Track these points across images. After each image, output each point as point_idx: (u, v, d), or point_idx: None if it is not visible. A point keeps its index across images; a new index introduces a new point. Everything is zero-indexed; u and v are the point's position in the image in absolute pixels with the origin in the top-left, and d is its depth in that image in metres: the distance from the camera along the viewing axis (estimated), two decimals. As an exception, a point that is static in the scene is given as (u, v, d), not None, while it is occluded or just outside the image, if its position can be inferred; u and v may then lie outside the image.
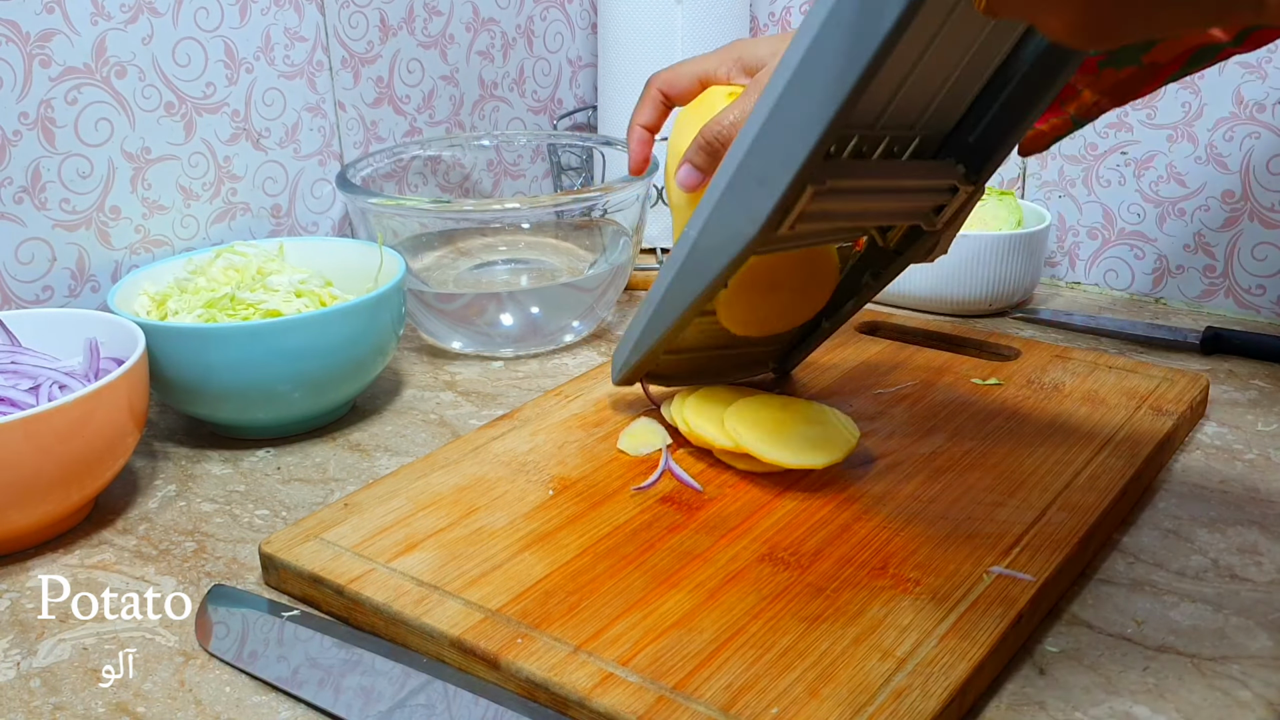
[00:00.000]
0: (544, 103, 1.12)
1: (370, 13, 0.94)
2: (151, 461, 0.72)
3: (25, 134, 0.75)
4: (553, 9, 1.10)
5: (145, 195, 0.82)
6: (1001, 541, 0.56)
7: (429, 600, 0.53)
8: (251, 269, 0.77)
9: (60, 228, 0.78)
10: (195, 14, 0.82)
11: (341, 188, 0.84)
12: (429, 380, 0.83)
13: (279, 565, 0.57)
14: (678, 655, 0.48)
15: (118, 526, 0.65)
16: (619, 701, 0.46)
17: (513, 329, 0.86)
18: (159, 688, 0.51)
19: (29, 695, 0.51)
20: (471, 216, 0.87)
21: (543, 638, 0.50)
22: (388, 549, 0.57)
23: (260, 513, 0.66)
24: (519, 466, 0.65)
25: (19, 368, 0.64)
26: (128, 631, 0.55)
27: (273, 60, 0.88)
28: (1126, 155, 0.93)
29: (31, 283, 0.77)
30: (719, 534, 0.58)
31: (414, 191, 1.00)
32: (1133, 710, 0.47)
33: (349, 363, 0.72)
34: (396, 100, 0.98)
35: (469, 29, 1.02)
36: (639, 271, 1.01)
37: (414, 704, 0.48)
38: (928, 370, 0.77)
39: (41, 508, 0.60)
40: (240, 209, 0.88)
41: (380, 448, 0.73)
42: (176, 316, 0.73)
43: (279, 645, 0.53)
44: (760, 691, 0.46)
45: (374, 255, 0.80)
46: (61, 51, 0.76)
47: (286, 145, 0.90)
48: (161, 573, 0.60)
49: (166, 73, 0.81)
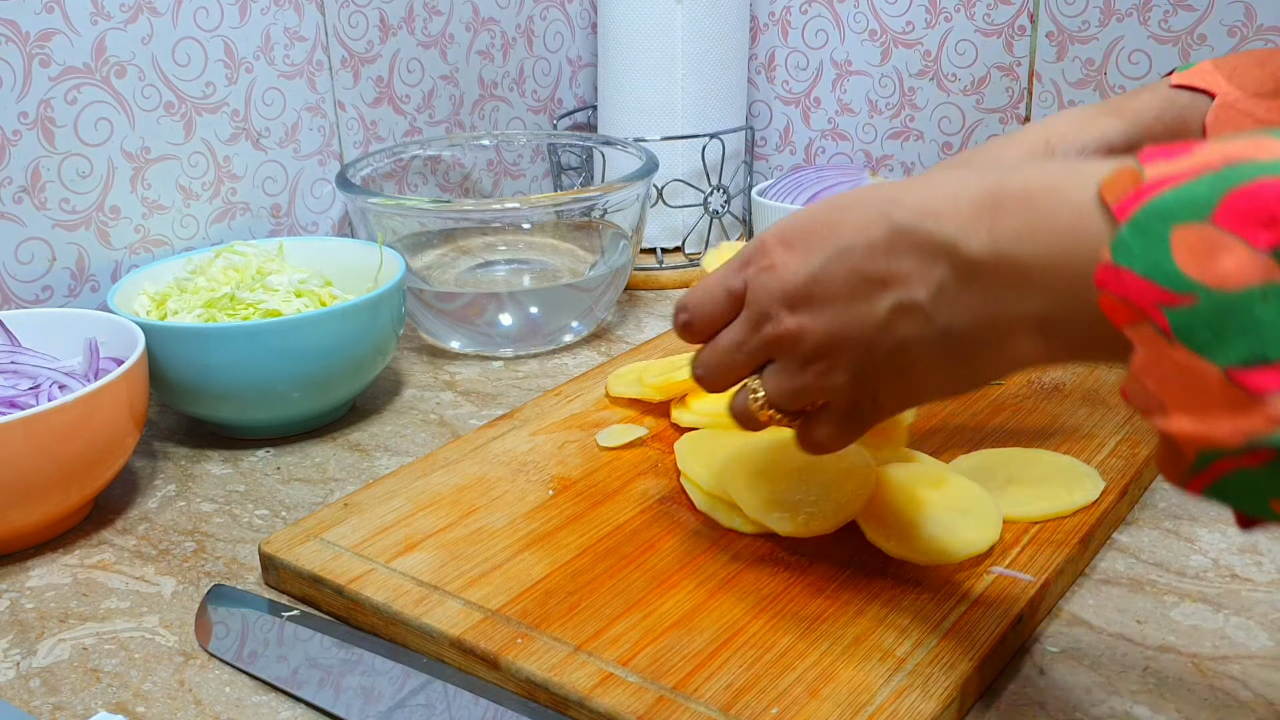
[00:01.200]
0: (544, 102, 1.12)
1: (370, 12, 0.94)
2: (151, 461, 0.72)
3: (25, 134, 0.75)
4: (553, 9, 1.10)
5: (145, 195, 0.82)
6: (1002, 541, 0.56)
7: (429, 600, 0.53)
8: (251, 269, 0.77)
9: (60, 227, 0.78)
10: (195, 13, 0.82)
11: (341, 187, 0.84)
12: (429, 380, 0.83)
13: (279, 565, 0.57)
14: (678, 655, 0.48)
15: (117, 526, 0.65)
16: (619, 701, 0.46)
17: (512, 329, 0.86)
18: (158, 688, 0.51)
19: (28, 695, 0.51)
20: (471, 216, 0.87)
21: (543, 638, 0.50)
22: (388, 549, 0.57)
23: (260, 513, 0.66)
24: (519, 466, 0.65)
25: (19, 368, 0.64)
26: (127, 631, 0.55)
27: (272, 60, 0.88)
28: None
29: (31, 282, 0.77)
30: (719, 534, 0.58)
31: (414, 191, 1.00)
32: (1133, 710, 0.47)
33: (349, 362, 0.72)
34: (396, 100, 0.98)
35: (469, 28, 1.02)
36: (639, 271, 1.01)
37: (414, 704, 0.48)
38: (928, 370, 0.77)
39: (41, 508, 0.60)
40: (240, 209, 0.88)
41: (380, 447, 0.73)
42: (176, 316, 0.73)
43: (279, 645, 0.53)
44: (760, 691, 0.46)
45: (374, 255, 0.80)
46: (61, 51, 0.76)
47: (286, 145, 0.90)
48: (161, 573, 0.60)
49: (166, 72, 0.81)
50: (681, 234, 1.04)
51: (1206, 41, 0.86)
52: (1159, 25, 0.88)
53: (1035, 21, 0.94)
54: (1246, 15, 0.85)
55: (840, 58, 1.06)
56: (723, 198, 1.03)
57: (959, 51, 0.99)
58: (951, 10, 0.98)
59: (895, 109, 1.04)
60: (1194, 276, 0.31)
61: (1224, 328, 0.30)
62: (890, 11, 1.01)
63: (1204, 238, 0.31)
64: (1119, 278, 0.32)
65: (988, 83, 0.98)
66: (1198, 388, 0.31)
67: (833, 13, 1.05)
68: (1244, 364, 0.30)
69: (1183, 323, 0.31)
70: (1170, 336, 0.31)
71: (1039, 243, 0.36)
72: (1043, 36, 0.94)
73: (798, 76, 1.09)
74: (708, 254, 0.71)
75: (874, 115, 1.06)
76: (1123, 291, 0.32)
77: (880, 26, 1.02)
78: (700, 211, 1.03)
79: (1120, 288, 0.32)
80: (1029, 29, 0.95)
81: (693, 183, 1.02)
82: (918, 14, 1.00)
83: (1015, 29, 0.95)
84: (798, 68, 1.09)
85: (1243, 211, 0.30)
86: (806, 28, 1.07)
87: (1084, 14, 0.91)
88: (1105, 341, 0.34)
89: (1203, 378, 0.31)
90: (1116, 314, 0.33)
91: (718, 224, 1.04)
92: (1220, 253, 0.30)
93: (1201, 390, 0.31)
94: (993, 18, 0.96)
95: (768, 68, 1.11)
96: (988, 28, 0.97)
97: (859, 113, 1.06)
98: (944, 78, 1.00)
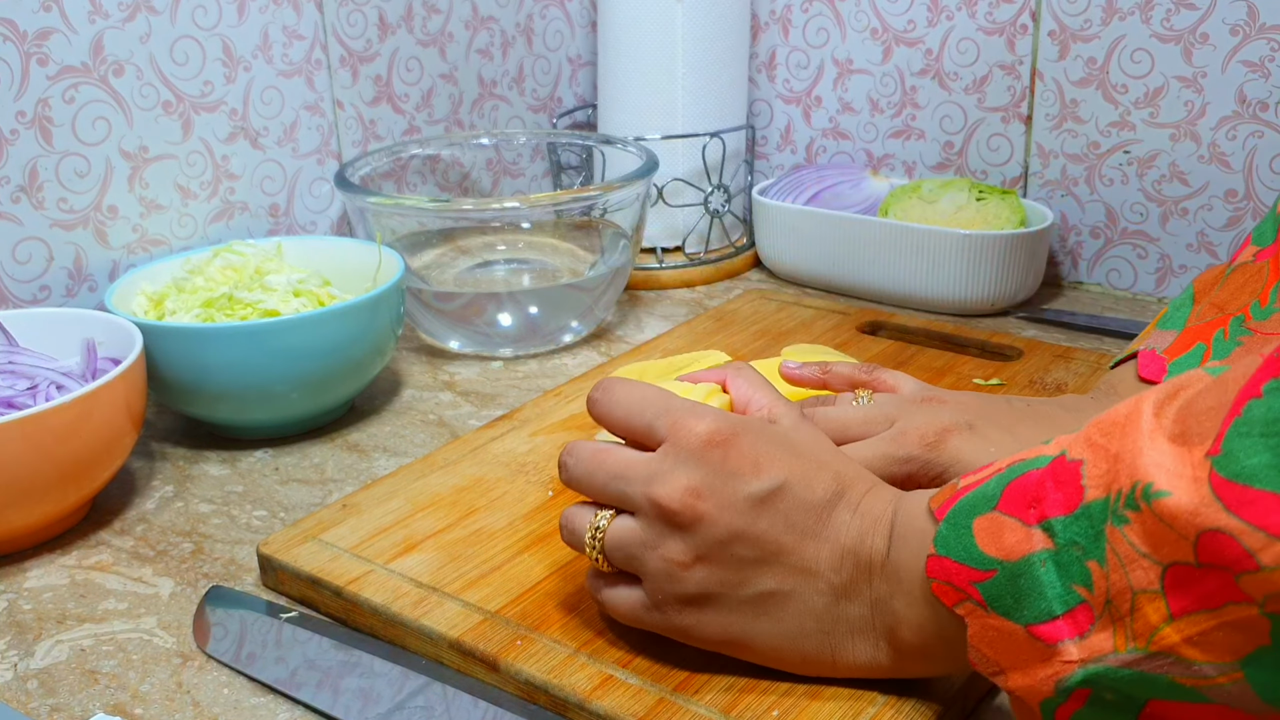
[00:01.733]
0: (543, 101, 1.12)
1: (369, 11, 0.93)
2: (149, 462, 0.72)
3: (22, 133, 0.75)
4: (552, 7, 1.09)
5: (143, 194, 0.82)
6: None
7: (428, 602, 0.52)
8: (249, 268, 0.77)
9: (58, 227, 0.78)
10: (193, 12, 0.82)
11: (340, 187, 0.84)
12: (428, 380, 0.83)
13: (277, 566, 0.57)
14: (678, 657, 0.48)
15: (115, 527, 0.64)
16: (619, 704, 0.45)
17: (511, 329, 0.85)
18: (156, 689, 0.50)
19: (26, 696, 0.50)
20: (470, 215, 0.87)
21: (542, 639, 0.50)
22: (386, 550, 0.57)
23: (258, 513, 0.65)
24: (518, 467, 0.65)
25: (16, 368, 0.64)
26: (125, 633, 0.55)
27: (271, 59, 0.87)
28: (1129, 154, 0.93)
29: (29, 282, 0.77)
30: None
31: (413, 190, 0.99)
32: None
33: (347, 363, 0.72)
34: (395, 99, 0.97)
35: (468, 27, 1.02)
36: (639, 271, 1.00)
37: (413, 706, 0.48)
38: (930, 370, 0.77)
39: (39, 508, 0.60)
40: (238, 208, 0.88)
41: (379, 448, 0.73)
42: (174, 316, 0.72)
43: (277, 647, 0.52)
44: (761, 693, 0.46)
45: (372, 254, 0.80)
46: (59, 50, 0.75)
47: (285, 144, 0.90)
48: (159, 574, 0.59)
49: (164, 71, 0.81)
50: (682, 233, 1.04)
51: (1209, 40, 0.86)
52: (1161, 24, 0.88)
53: (1037, 20, 0.94)
54: (1249, 14, 0.84)
55: (841, 56, 1.06)
56: (723, 197, 1.03)
57: (960, 50, 0.98)
58: (953, 9, 0.98)
59: (896, 108, 1.04)
60: (991, 554, 0.38)
61: (1019, 592, 0.37)
62: (891, 10, 1.01)
63: (993, 522, 0.38)
64: (943, 565, 0.39)
65: (989, 81, 0.98)
66: (1015, 647, 0.37)
67: (834, 11, 1.05)
68: (1038, 621, 0.36)
69: (991, 593, 0.38)
70: (986, 607, 0.38)
71: (904, 549, 0.42)
72: (1045, 35, 0.94)
73: (798, 75, 1.09)
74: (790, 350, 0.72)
75: (875, 114, 1.05)
76: (946, 576, 0.39)
77: (881, 25, 1.02)
78: (700, 211, 1.03)
79: (944, 573, 0.39)
80: (1031, 27, 0.94)
81: (693, 182, 1.02)
82: (919, 12, 1.00)
83: (1017, 27, 0.95)
84: (799, 66, 1.09)
85: (1016, 498, 0.38)
86: (807, 26, 1.07)
87: (1086, 12, 0.91)
88: (937, 635, 0.41)
89: (1015, 637, 0.37)
90: (946, 596, 0.39)
91: (718, 223, 1.04)
92: (1004, 531, 0.37)
93: (1017, 649, 0.37)
94: (994, 16, 0.96)
95: (768, 66, 1.10)
96: (989, 26, 0.96)
97: (860, 111, 1.06)
98: (945, 76, 1.00)
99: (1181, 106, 0.89)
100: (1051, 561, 0.36)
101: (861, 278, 0.94)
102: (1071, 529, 0.36)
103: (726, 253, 1.04)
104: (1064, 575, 0.36)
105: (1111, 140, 0.93)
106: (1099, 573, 0.35)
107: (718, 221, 1.04)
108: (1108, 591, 0.34)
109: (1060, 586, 0.36)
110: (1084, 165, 0.95)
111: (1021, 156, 0.98)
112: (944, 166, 1.03)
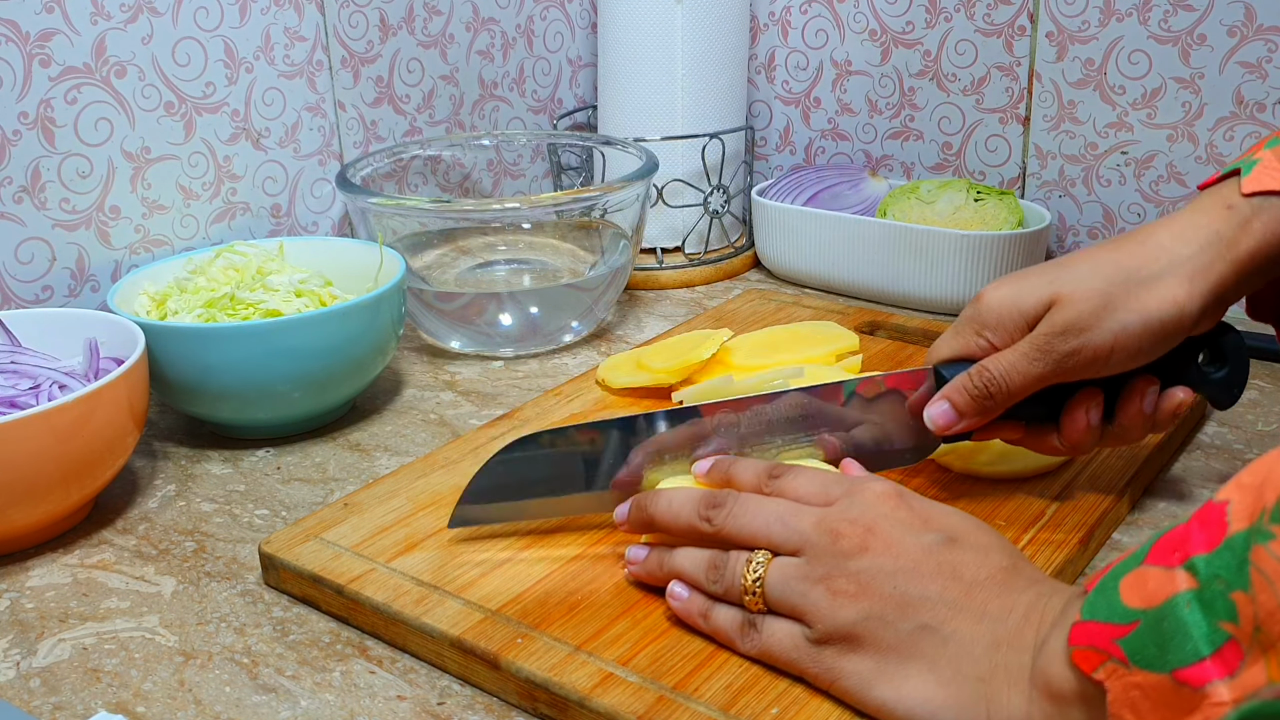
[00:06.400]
0: (544, 102, 1.12)
1: (370, 12, 0.94)
2: (151, 461, 0.72)
3: (25, 134, 0.75)
4: (553, 9, 1.10)
5: (145, 195, 0.82)
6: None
7: (429, 600, 0.53)
8: (251, 269, 0.77)
9: (60, 227, 0.78)
10: (195, 13, 0.82)
11: (341, 187, 0.84)
12: (429, 380, 0.83)
13: (279, 565, 0.57)
14: (677, 655, 0.48)
15: (118, 526, 0.65)
16: (619, 701, 0.46)
17: (512, 329, 0.86)
18: (158, 687, 0.51)
19: (29, 695, 0.51)
20: (471, 216, 0.87)
21: (542, 638, 0.50)
22: (387, 549, 0.57)
23: (260, 512, 0.66)
24: (519, 466, 0.65)
25: (19, 368, 0.64)
26: (127, 631, 0.55)
27: (273, 60, 0.88)
28: (1127, 155, 0.93)
29: (31, 282, 0.77)
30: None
31: (414, 191, 1.00)
32: (1133, 710, 0.47)
33: (349, 362, 0.72)
34: (396, 100, 0.98)
35: (469, 28, 1.02)
36: (639, 271, 1.01)
37: None
38: (928, 370, 0.77)
39: (41, 507, 0.60)
40: (240, 209, 0.88)
41: (380, 447, 0.73)
42: (176, 316, 0.73)
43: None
44: (760, 691, 0.46)
45: (374, 255, 0.80)
46: (61, 51, 0.76)
47: (286, 145, 0.90)
48: (161, 572, 0.60)
49: (166, 72, 0.81)
50: (681, 234, 1.04)
51: (1206, 41, 0.86)
52: (1159, 25, 0.88)
53: (1035, 21, 0.94)
54: (1246, 15, 0.85)
55: (840, 57, 1.06)
56: (723, 198, 1.03)
57: (959, 51, 0.99)
58: (951, 10, 0.98)
59: (895, 109, 1.04)
60: (1134, 606, 0.37)
61: (1163, 638, 0.35)
62: (890, 11, 1.01)
63: (1139, 575, 0.37)
64: (1086, 630, 0.38)
65: (988, 83, 0.98)
66: (1160, 701, 0.35)
67: (833, 12, 1.05)
68: (1183, 665, 0.34)
69: (1133, 646, 0.36)
70: (1128, 663, 0.36)
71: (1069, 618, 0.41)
72: (1042, 36, 0.94)
73: (798, 76, 1.09)
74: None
75: (874, 115, 1.06)
76: (1089, 640, 0.38)
77: (880, 26, 1.02)
78: (700, 211, 1.03)
79: (1087, 637, 0.38)
80: (1029, 29, 0.95)
81: (693, 183, 1.02)
82: (917, 14, 1.00)
83: (1015, 29, 0.95)
84: (798, 67, 1.09)
85: (1163, 550, 0.37)
86: (806, 28, 1.07)
87: (1084, 14, 0.91)
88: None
89: (1160, 690, 0.35)
90: (1085, 662, 0.38)
91: (718, 224, 1.04)
92: (1148, 580, 0.36)
93: (1163, 702, 0.35)
94: (992, 18, 0.96)
95: (768, 67, 1.11)
96: (987, 28, 0.97)
97: (859, 113, 1.06)
98: (944, 78, 1.00)
99: (1179, 107, 0.90)
100: (1195, 601, 0.34)
101: (860, 278, 0.95)
102: (1214, 564, 0.34)
103: (726, 253, 1.05)
104: (1209, 613, 0.34)
105: (1109, 141, 0.93)
106: (1244, 600, 0.33)
107: (717, 222, 1.04)
108: (1255, 617, 0.32)
109: (1206, 625, 0.34)
110: (1082, 166, 0.95)
111: (1019, 157, 0.98)
112: (942, 167, 1.03)
